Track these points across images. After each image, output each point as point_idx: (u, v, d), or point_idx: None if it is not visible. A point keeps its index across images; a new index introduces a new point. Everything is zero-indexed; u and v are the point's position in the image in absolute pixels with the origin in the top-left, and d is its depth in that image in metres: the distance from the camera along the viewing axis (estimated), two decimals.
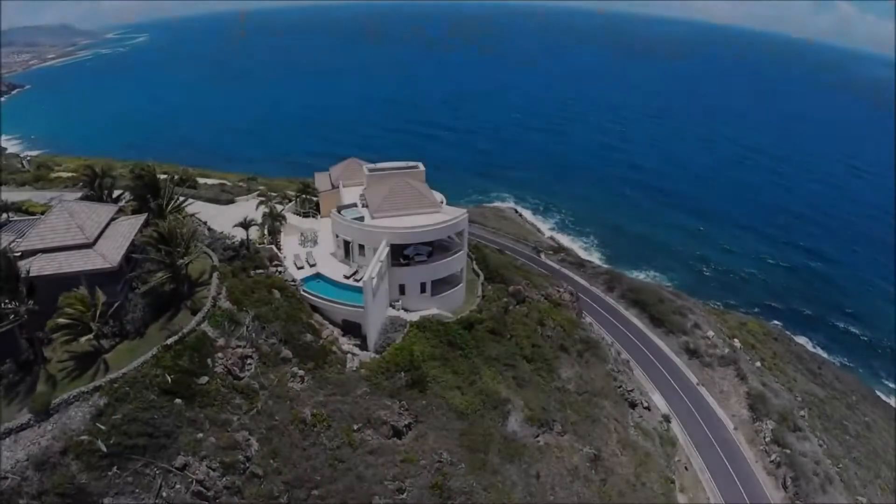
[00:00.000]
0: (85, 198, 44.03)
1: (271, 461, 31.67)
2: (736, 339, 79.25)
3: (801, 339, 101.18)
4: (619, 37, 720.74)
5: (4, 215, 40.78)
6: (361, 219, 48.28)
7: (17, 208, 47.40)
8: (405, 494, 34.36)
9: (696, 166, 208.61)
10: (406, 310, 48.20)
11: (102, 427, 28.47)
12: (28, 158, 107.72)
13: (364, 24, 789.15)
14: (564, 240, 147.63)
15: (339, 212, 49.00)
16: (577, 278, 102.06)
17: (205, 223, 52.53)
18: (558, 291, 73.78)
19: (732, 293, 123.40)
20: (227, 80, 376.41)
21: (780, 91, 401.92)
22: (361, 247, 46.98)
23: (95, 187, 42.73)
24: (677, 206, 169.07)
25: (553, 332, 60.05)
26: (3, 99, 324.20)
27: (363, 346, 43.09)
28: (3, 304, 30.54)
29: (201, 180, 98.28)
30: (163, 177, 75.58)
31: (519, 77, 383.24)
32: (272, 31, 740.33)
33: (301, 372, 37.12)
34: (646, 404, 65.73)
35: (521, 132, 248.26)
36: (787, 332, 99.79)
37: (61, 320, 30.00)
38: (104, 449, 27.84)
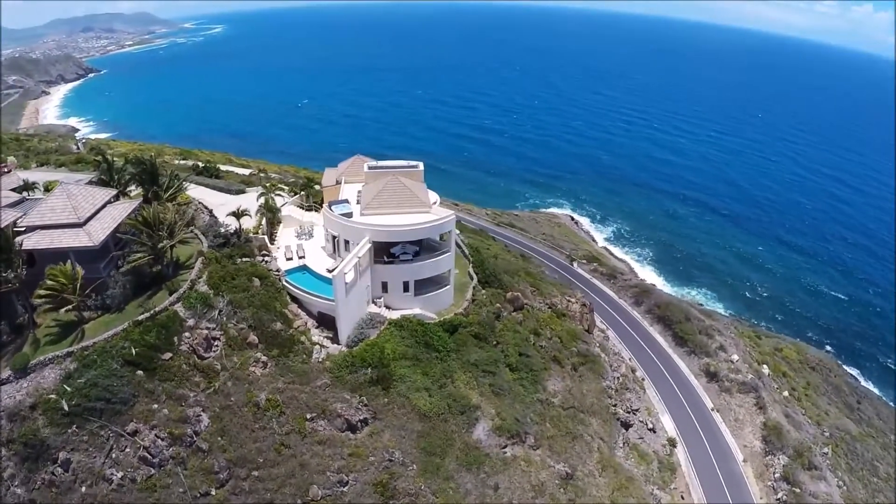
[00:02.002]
0: (99, 181, 49.52)
1: (219, 438, 34.95)
2: (765, 366, 76.40)
3: (853, 371, 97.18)
4: (674, 45, 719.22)
5: (25, 193, 46.59)
6: (350, 214, 51.00)
7: (45, 188, 53.74)
8: (346, 488, 36.59)
9: (755, 186, 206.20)
10: (389, 307, 50.54)
11: (68, 388, 32.72)
12: (83, 141, 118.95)
13: (416, 24, 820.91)
14: (618, 251, 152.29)
15: (329, 207, 52.01)
16: (606, 290, 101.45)
17: (209, 210, 57.18)
18: (568, 301, 73.96)
19: (782, 317, 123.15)
20: (291, 73, 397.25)
21: (846, 108, 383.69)
22: (347, 242, 49.68)
23: (104, 172, 47.84)
24: (735, 227, 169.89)
25: (548, 343, 60.57)
26: (79, 82, 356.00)
27: (335, 340, 45.81)
28: (5, 274, 35.50)
29: (238, 171, 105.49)
30: (187, 163, 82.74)
31: (575, 83, 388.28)
32: (335, 27, 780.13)
33: (264, 358, 40.28)
34: (651, 425, 64.95)
35: (582, 141, 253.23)
36: (839, 362, 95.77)
37: (43, 290, 34.54)
38: (66, 408, 32.09)
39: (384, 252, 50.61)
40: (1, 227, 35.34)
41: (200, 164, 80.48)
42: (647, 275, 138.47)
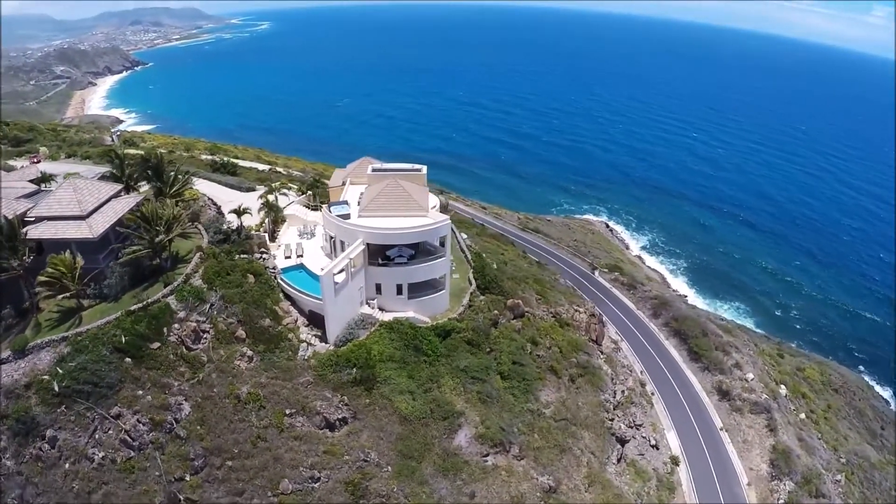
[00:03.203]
0: (111, 176, 52.87)
1: (198, 427, 37.17)
2: (783, 386, 74.54)
3: (885, 393, 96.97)
4: (721, 54, 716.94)
5: (42, 185, 50.31)
6: (347, 216, 52.77)
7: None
8: (317, 484, 38.20)
9: (792, 201, 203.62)
10: (382, 309, 52.09)
11: (60, 371, 35.54)
12: (118, 133, 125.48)
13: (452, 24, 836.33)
14: (652, 261, 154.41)
15: (329, 208, 53.93)
16: (624, 300, 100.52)
17: (217, 207, 60.13)
18: (575, 311, 73.95)
19: (814, 336, 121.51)
20: (333, 72, 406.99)
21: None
22: (343, 243, 51.46)
23: (116, 167, 51.11)
24: (770, 242, 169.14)
25: (546, 353, 60.71)
26: (125, 74, 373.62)
27: (324, 339, 47.61)
28: (7, 261, 38.72)
29: (262, 167, 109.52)
30: (208, 159, 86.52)
31: (614, 89, 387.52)
32: (380, 27, 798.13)
33: (250, 352, 42.39)
34: (654, 442, 64.35)
35: (619, 149, 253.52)
36: (870, 384, 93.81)
37: (43, 278, 37.54)
38: (56, 389, 34.90)
39: (380, 254, 52.24)
40: (8, 217, 38.48)
41: (218, 161, 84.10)
42: (680, 286, 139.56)
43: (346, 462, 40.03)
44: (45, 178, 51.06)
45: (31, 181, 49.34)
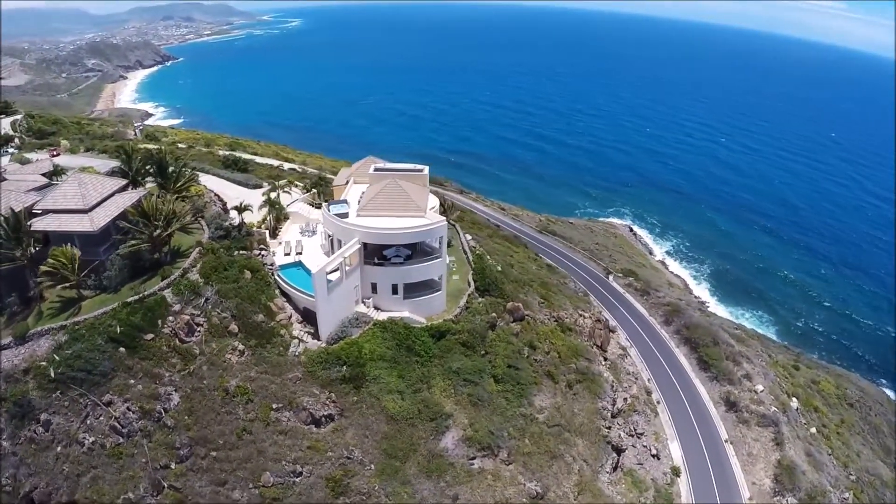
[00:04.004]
0: (119, 171, 55.12)
1: (186, 417, 38.76)
2: (795, 399, 73.16)
3: None
4: (750, 58, 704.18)
5: (53, 178, 52.76)
6: (346, 215, 53.93)
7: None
8: (299, 479, 39.40)
9: (817, 210, 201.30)
10: (378, 308, 53.14)
11: (57, 358, 37.48)
12: (140, 127, 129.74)
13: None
14: (675, 266, 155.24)
15: (328, 207, 55.19)
16: (637, 305, 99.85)
17: (223, 203, 62.04)
18: (579, 315, 73.91)
19: (835, 348, 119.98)
20: (361, 70, 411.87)
21: None
22: (340, 241, 52.67)
23: (124, 162, 53.30)
24: (795, 252, 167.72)
25: (544, 357, 60.91)
26: (155, 68, 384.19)
27: (317, 336, 48.85)
28: (14, 251, 40.94)
29: (276, 163, 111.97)
30: (226, 153, 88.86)
31: (641, 94, 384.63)
32: (410, 27, 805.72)
33: (241, 347, 43.87)
34: (655, 451, 64.04)
35: (642, 154, 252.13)
36: (891, 398, 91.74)
37: (44, 268, 39.60)
38: (52, 375, 36.83)
39: (377, 253, 53.27)
40: (15, 209, 40.69)
41: (229, 157, 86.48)
42: (702, 292, 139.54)
43: (329, 458, 41.14)
44: (56, 172, 53.49)
45: (42, 174, 51.78)
